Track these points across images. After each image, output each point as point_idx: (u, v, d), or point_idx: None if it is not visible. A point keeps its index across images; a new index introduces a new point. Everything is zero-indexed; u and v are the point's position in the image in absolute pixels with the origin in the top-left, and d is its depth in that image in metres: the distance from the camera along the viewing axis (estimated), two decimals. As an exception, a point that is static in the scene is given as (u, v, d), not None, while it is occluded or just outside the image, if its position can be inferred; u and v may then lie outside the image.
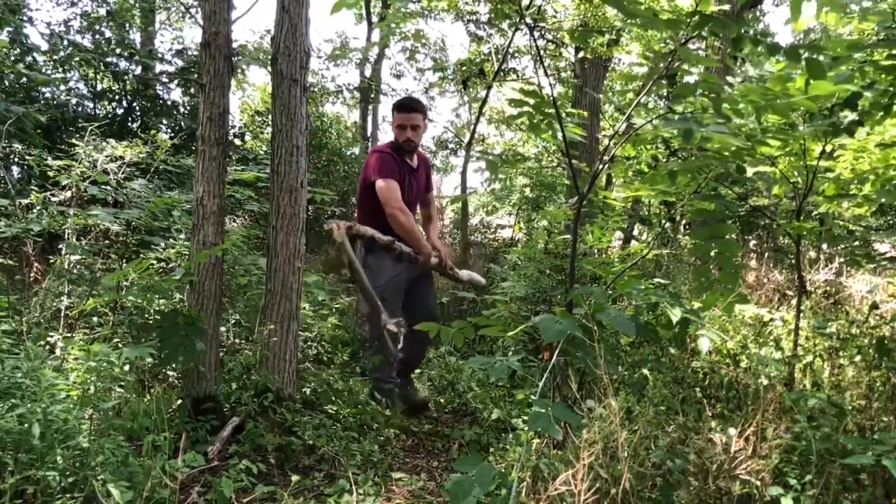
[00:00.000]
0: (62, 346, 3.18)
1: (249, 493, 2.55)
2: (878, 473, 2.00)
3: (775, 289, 5.34)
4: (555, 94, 2.45)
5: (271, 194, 3.23)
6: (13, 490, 2.01)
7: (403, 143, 3.66)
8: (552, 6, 7.31)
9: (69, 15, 8.45)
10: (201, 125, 3.12)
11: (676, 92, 2.31)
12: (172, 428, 2.62)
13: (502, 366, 2.11)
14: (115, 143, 4.10)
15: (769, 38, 2.07)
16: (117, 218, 3.82)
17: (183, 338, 2.86)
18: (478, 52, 9.55)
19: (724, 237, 2.50)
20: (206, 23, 3.12)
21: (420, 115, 3.66)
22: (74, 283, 3.76)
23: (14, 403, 2.22)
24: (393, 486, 2.88)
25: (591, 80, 7.97)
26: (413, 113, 3.64)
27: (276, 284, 3.19)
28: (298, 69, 3.24)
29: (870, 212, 4.00)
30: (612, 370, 2.33)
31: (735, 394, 2.57)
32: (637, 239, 7.56)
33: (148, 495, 2.13)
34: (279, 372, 3.16)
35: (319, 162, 7.54)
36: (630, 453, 1.98)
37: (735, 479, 1.98)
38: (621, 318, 2.21)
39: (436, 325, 2.54)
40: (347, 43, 12.40)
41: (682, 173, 2.57)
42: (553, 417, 1.82)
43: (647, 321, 2.66)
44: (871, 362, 2.56)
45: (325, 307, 4.48)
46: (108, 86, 8.24)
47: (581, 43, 7.00)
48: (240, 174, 4.90)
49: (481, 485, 1.78)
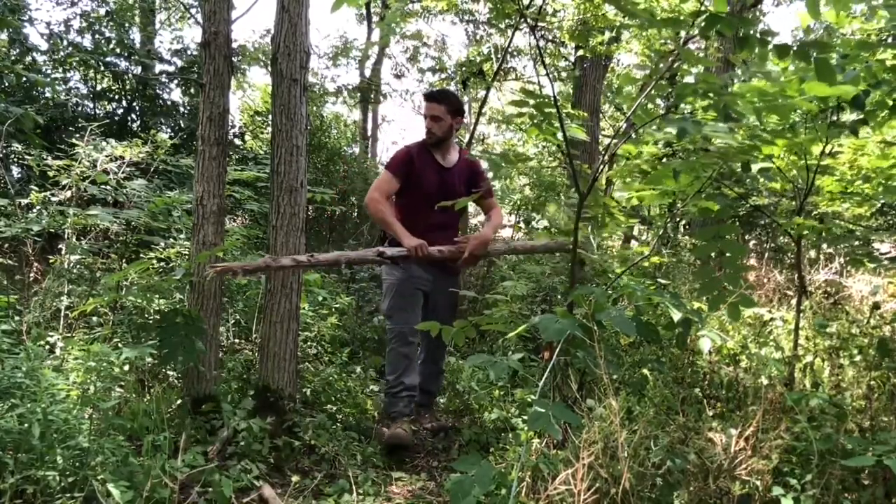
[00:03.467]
0: (62, 346, 3.18)
1: (249, 493, 2.55)
2: (879, 473, 2.00)
3: (775, 289, 5.34)
4: (555, 94, 2.45)
5: (271, 194, 3.23)
6: (13, 490, 2.01)
7: (426, 134, 3.50)
8: (552, 6, 7.30)
9: (69, 15, 8.45)
10: (201, 125, 3.12)
11: (676, 92, 2.31)
12: (172, 428, 2.62)
13: (502, 365, 2.11)
14: (115, 143, 4.10)
15: (774, 38, 2.05)
16: (117, 218, 3.83)
17: (183, 337, 2.86)
18: (478, 52, 9.55)
19: (726, 237, 2.49)
20: (206, 23, 3.12)
21: (440, 106, 3.42)
22: (74, 283, 3.76)
23: (14, 403, 2.22)
24: (393, 486, 2.88)
25: (591, 80, 7.97)
26: (431, 102, 3.45)
27: (276, 284, 3.18)
28: (298, 69, 3.24)
29: (870, 212, 4.01)
30: (612, 370, 2.33)
31: (735, 394, 2.57)
32: (637, 239, 7.55)
33: (148, 495, 2.12)
34: (279, 372, 3.16)
35: (319, 162, 7.53)
36: (630, 453, 1.98)
37: (735, 479, 1.98)
38: (621, 318, 2.21)
39: (436, 324, 2.54)
40: (348, 43, 12.41)
41: (686, 173, 2.56)
42: (553, 417, 1.81)
43: (648, 321, 2.65)
44: (871, 362, 2.56)
45: (325, 307, 4.48)
46: (108, 86, 8.24)
47: (581, 42, 7.00)
48: (240, 174, 4.90)
49: (481, 484, 1.78)
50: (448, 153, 3.52)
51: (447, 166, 3.51)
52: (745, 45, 2.04)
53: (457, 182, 3.50)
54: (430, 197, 3.35)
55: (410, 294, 3.42)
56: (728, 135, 2.15)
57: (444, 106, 3.43)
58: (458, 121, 3.48)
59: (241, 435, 2.78)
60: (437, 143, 3.47)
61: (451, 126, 3.45)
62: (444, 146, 3.49)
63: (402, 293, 3.42)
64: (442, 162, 3.50)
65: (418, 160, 3.45)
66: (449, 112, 3.43)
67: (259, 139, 8.61)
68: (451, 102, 3.47)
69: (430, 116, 3.43)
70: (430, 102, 3.45)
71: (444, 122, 3.42)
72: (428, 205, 3.37)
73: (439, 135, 3.44)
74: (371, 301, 5.69)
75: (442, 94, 3.51)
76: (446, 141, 3.48)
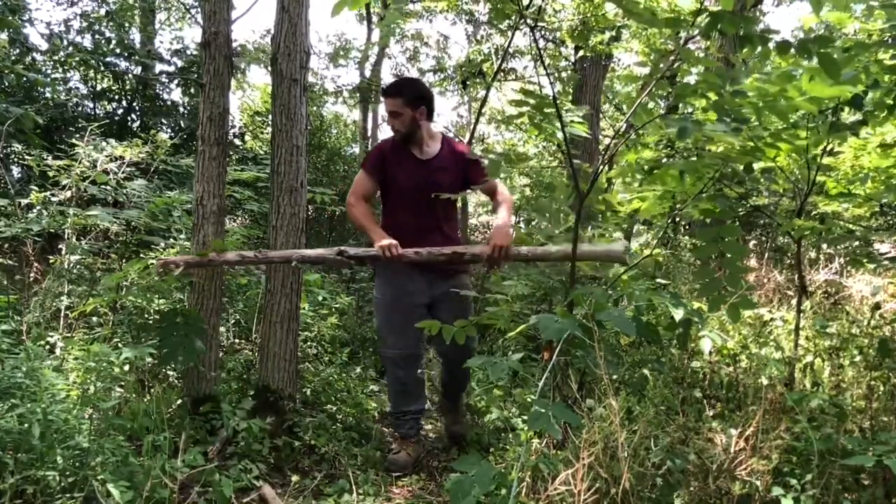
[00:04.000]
0: (62, 346, 3.18)
1: (249, 493, 2.55)
2: (878, 473, 2.00)
3: (775, 289, 5.34)
4: (555, 94, 2.44)
5: (271, 194, 3.23)
6: (13, 490, 2.01)
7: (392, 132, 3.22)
8: (552, 6, 7.30)
9: (69, 15, 8.48)
10: (201, 125, 3.12)
11: (676, 91, 2.31)
12: (172, 428, 2.62)
13: (502, 365, 2.11)
14: (115, 143, 4.10)
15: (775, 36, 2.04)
16: (117, 218, 3.82)
17: (183, 337, 2.86)
18: (478, 52, 9.56)
19: (728, 238, 2.49)
20: (206, 23, 3.12)
21: (394, 100, 3.09)
22: (74, 283, 3.76)
23: (14, 403, 2.22)
24: (393, 486, 2.88)
25: (591, 80, 7.98)
26: (386, 98, 3.14)
27: (276, 284, 3.18)
28: (298, 69, 3.24)
29: (870, 212, 4.00)
30: (612, 370, 2.33)
31: (735, 394, 2.57)
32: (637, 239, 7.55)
33: (148, 495, 2.12)
34: (279, 372, 3.16)
35: (319, 162, 7.54)
36: (630, 453, 1.98)
37: (735, 479, 1.98)
38: (621, 318, 2.21)
39: (436, 323, 2.53)
40: (348, 43, 12.42)
41: (688, 173, 2.56)
42: (553, 417, 1.81)
43: (648, 321, 2.65)
44: (871, 363, 2.56)
45: (325, 307, 4.48)
46: (108, 86, 8.24)
47: (581, 42, 7.00)
48: (240, 174, 4.90)
49: (481, 485, 1.77)
50: (424, 145, 3.18)
51: (425, 158, 3.17)
52: (746, 43, 2.03)
53: (439, 174, 3.12)
54: (408, 194, 3.12)
55: (402, 312, 3.11)
56: (729, 135, 2.14)
57: (400, 98, 3.09)
58: (420, 111, 3.10)
59: (240, 435, 2.78)
60: (404, 138, 3.16)
61: (413, 118, 3.10)
62: (415, 139, 3.16)
63: (392, 312, 3.15)
64: (419, 155, 3.17)
65: (391, 155, 3.18)
66: (407, 104, 3.08)
67: (259, 139, 8.61)
68: (406, 93, 3.12)
69: (389, 113, 3.14)
70: (385, 98, 3.15)
71: (405, 115, 3.09)
72: (407, 204, 3.15)
73: (403, 130, 3.12)
74: (371, 301, 5.70)
75: (395, 87, 3.17)
76: (414, 134, 3.14)
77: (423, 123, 3.14)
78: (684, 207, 2.84)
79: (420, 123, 3.13)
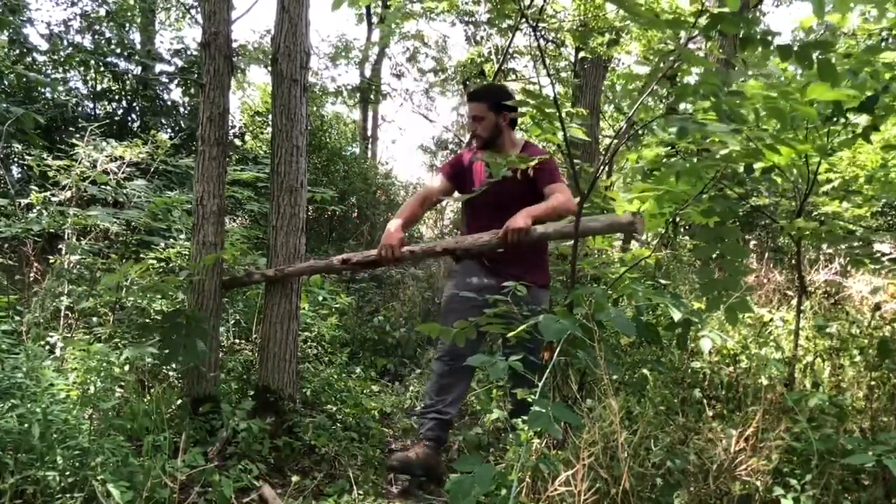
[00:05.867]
0: (62, 346, 3.18)
1: (249, 493, 2.55)
2: (878, 473, 2.00)
3: (775, 289, 5.34)
4: (555, 94, 2.44)
5: (271, 194, 3.23)
6: (13, 490, 2.01)
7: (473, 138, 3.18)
8: (552, 6, 7.31)
9: (69, 15, 8.45)
10: (201, 125, 3.12)
11: (676, 92, 2.31)
12: (172, 428, 2.62)
13: (502, 365, 2.11)
14: (115, 143, 4.10)
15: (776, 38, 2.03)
16: (117, 218, 3.82)
17: (185, 338, 2.86)
18: (478, 53, 9.55)
19: (727, 239, 2.49)
20: (206, 23, 3.12)
21: (479, 104, 3.06)
22: (74, 283, 3.76)
23: (14, 403, 2.22)
24: (392, 487, 2.88)
25: (591, 80, 7.99)
26: (471, 101, 3.11)
27: (276, 284, 3.18)
28: (298, 69, 3.24)
29: (870, 212, 4.00)
30: (612, 370, 2.33)
31: (735, 394, 2.57)
32: (637, 239, 7.55)
33: (148, 495, 2.13)
34: (279, 372, 3.16)
35: (319, 162, 7.53)
36: (630, 453, 1.98)
37: (735, 480, 1.98)
38: (621, 318, 2.21)
39: (436, 325, 2.53)
40: (348, 44, 12.41)
41: (689, 175, 2.56)
42: (553, 417, 1.81)
43: (648, 321, 2.65)
44: (871, 363, 2.56)
45: (325, 307, 4.48)
46: (108, 86, 8.24)
47: (581, 43, 7.01)
48: (240, 174, 4.90)
49: (481, 485, 1.78)
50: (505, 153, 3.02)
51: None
52: (747, 45, 2.02)
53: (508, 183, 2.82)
54: (481, 204, 3.00)
55: (456, 306, 3.01)
56: (729, 135, 2.14)
57: (485, 103, 3.06)
58: (503, 117, 3.05)
59: (240, 435, 2.78)
60: (485, 145, 3.10)
61: (496, 124, 3.05)
62: (496, 147, 3.09)
63: (448, 305, 3.10)
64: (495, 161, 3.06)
65: (469, 163, 3.16)
66: (491, 108, 3.04)
67: (259, 139, 8.61)
68: (491, 97, 3.09)
69: (472, 117, 3.11)
70: (469, 102, 3.13)
71: (487, 119, 3.05)
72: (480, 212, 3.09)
73: (485, 136, 3.08)
74: (371, 301, 5.70)
75: (481, 91, 3.17)
76: (495, 141, 3.09)
77: (505, 130, 3.10)
78: (685, 208, 2.84)
79: (502, 130, 3.09)
